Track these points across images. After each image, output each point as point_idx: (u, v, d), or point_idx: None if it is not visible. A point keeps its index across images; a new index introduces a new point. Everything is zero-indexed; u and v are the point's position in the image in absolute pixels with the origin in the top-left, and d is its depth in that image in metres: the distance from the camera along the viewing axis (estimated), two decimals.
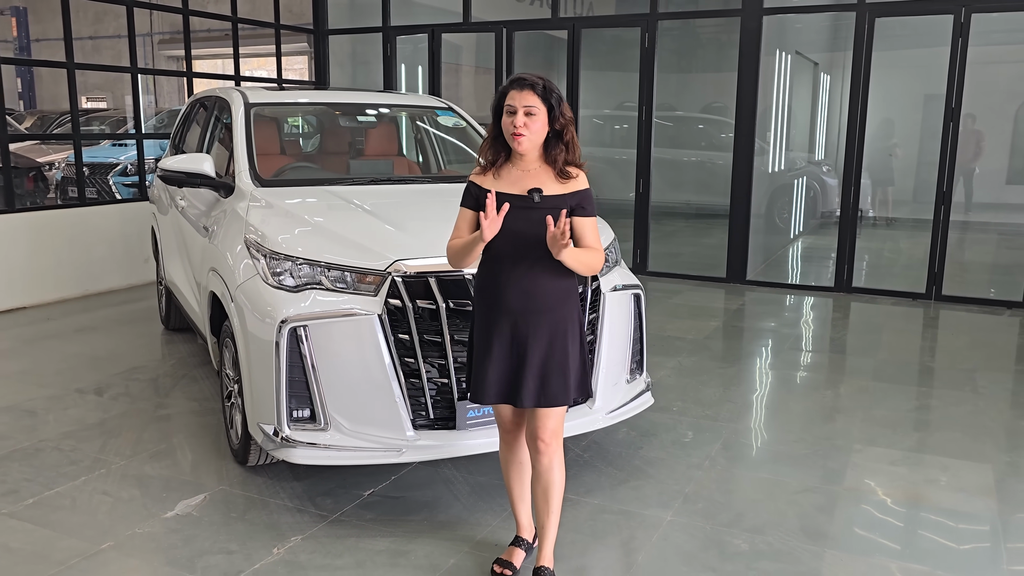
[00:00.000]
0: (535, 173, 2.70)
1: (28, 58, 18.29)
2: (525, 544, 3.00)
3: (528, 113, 2.61)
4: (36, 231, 6.84)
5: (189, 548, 3.10)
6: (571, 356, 2.72)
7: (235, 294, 3.51)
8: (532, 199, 2.64)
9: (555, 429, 2.76)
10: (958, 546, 3.20)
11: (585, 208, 2.69)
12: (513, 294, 2.67)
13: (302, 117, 5.51)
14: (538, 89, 2.62)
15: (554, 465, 2.77)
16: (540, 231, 2.56)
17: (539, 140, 2.66)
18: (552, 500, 2.78)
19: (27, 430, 4.22)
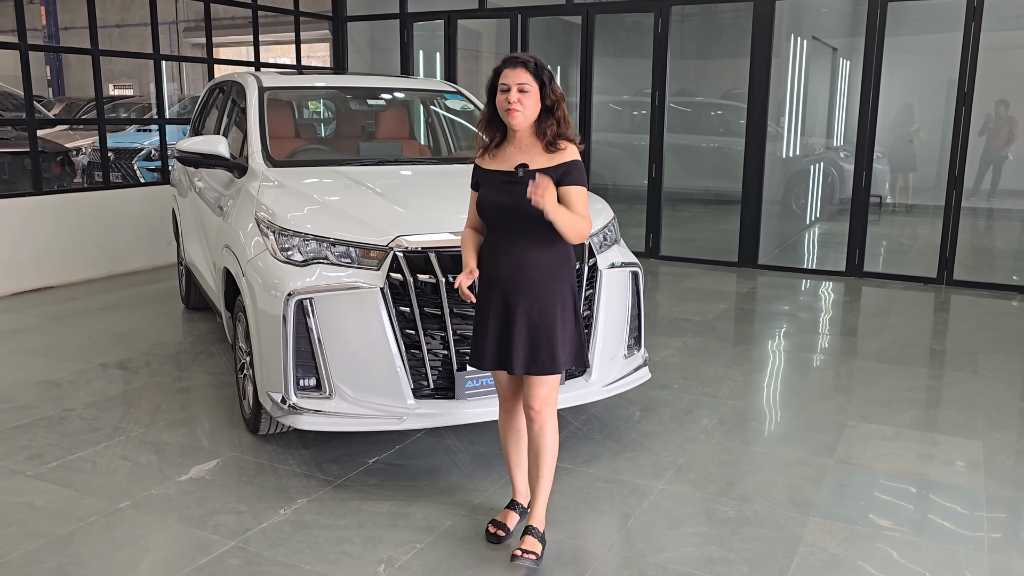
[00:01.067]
0: (526, 149, 2.83)
1: (57, 45, 18.62)
2: (519, 508, 3.13)
3: (521, 90, 2.74)
4: (63, 213, 7.07)
5: (201, 508, 3.27)
6: (561, 327, 2.83)
7: (246, 269, 3.67)
8: (517, 173, 2.77)
9: (545, 398, 2.87)
10: (940, 514, 3.30)
11: (571, 175, 2.77)
12: (504, 265, 2.81)
13: (315, 101, 5.65)
14: (530, 67, 2.75)
15: (545, 432, 2.89)
16: (522, 203, 2.66)
17: (532, 116, 2.78)
18: (543, 466, 2.91)
19: (52, 400, 4.42)
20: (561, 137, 2.81)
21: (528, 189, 2.62)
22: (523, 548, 2.87)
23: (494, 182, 2.84)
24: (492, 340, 2.86)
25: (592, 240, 3.73)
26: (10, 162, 7.86)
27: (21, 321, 6.00)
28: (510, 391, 3.00)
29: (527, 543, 2.89)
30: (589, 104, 8.72)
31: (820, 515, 3.25)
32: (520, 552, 2.86)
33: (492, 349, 2.86)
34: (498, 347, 2.85)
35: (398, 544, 3.01)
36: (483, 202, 2.87)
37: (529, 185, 2.63)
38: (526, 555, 2.85)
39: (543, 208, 2.62)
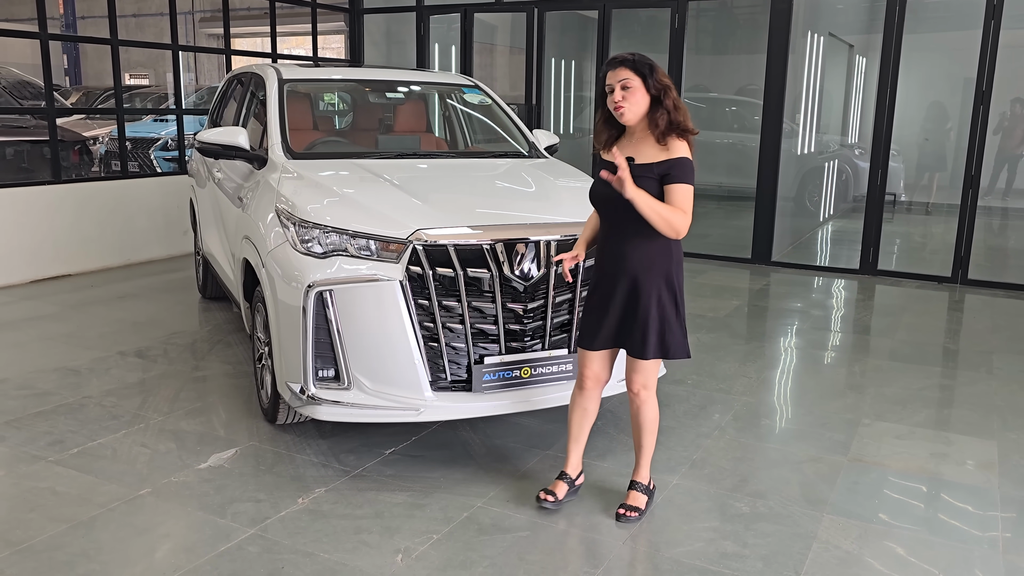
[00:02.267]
0: (638, 142, 2.96)
1: (75, 35, 18.71)
2: (568, 479, 3.29)
3: (624, 87, 2.88)
4: (81, 202, 7.13)
5: (220, 496, 3.31)
6: (655, 316, 2.98)
7: (266, 260, 3.70)
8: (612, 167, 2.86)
9: (644, 381, 3.10)
10: (953, 513, 3.31)
11: (672, 175, 2.85)
12: (608, 254, 3.03)
13: (333, 93, 5.68)
14: (628, 63, 2.89)
15: (644, 409, 3.16)
16: (623, 195, 2.79)
17: (641, 109, 2.90)
18: (645, 436, 3.21)
19: (72, 387, 4.47)
20: (674, 127, 2.88)
21: (604, 175, 2.79)
22: (627, 504, 3.18)
23: None
24: (594, 321, 3.08)
25: None
26: (29, 150, 7.93)
27: (41, 308, 6.06)
28: (591, 371, 3.17)
29: (631, 498, 3.20)
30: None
31: (834, 512, 3.26)
32: (624, 511, 3.16)
33: (593, 329, 3.08)
34: (596, 328, 3.07)
35: (415, 534, 3.05)
36: (593, 192, 3.05)
37: (613, 174, 2.76)
38: (629, 513, 3.15)
39: (628, 195, 2.75)
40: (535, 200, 3.97)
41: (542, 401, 3.55)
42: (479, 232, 3.46)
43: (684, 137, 2.91)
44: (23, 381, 4.55)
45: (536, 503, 3.23)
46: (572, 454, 3.30)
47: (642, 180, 2.83)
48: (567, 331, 3.60)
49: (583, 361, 3.17)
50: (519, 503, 3.30)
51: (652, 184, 2.85)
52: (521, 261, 3.47)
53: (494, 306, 3.44)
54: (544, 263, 3.51)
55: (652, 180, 2.86)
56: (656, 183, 2.86)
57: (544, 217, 3.65)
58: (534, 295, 3.51)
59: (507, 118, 5.11)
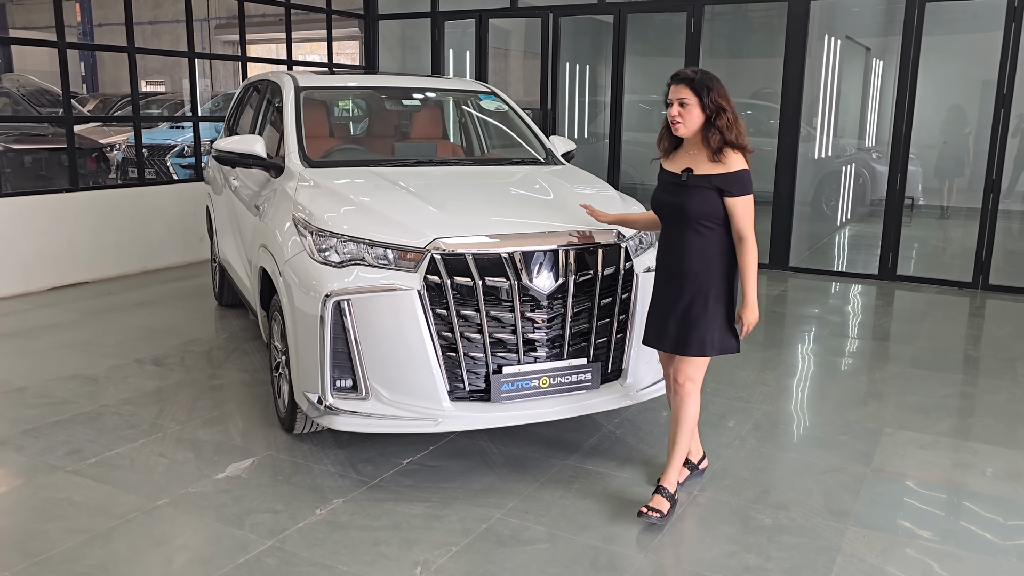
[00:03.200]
0: (694, 154, 3.13)
1: (91, 43, 18.85)
2: (689, 464, 3.53)
3: (682, 104, 3.06)
4: (98, 209, 7.16)
5: (238, 506, 3.30)
6: (708, 316, 3.12)
7: (283, 269, 3.69)
8: (681, 177, 3.10)
9: (690, 375, 3.23)
10: (980, 526, 3.25)
11: (729, 190, 3.04)
12: (669, 257, 3.19)
13: (350, 101, 5.68)
14: (689, 83, 3.06)
15: (685, 404, 3.25)
16: (684, 204, 3.08)
17: (695, 126, 3.08)
18: (678, 433, 3.27)
19: (90, 396, 4.48)
20: (728, 145, 3.04)
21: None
22: (649, 506, 3.21)
23: (664, 182, 3.21)
24: (651, 320, 3.27)
25: (628, 243, 3.71)
26: (47, 158, 7.97)
27: (59, 316, 6.09)
28: (671, 368, 3.33)
29: (655, 501, 3.22)
30: (620, 103, 8.68)
31: (858, 524, 3.22)
32: (646, 509, 3.19)
33: (650, 329, 3.28)
34: (655, 327, 3.25)
35: (434, 546, 3.02)
36: (654, 198, 3.24)
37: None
38: (651, 512, 3.18)
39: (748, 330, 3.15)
40: (553, 208, 3.94)
41: (561, 411, 3.52)
42: (497, 241, 3.44)
43: (739, 150, 3.07)
44: (41, 389, 4.56)
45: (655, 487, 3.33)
46: (690, 444, 3.43)
47: (700, 190, 3.06)
48: (586, 340, 3.57)
49: (663, 363, 3.40)
50: (539, 514, 3.27)
51: (710, 194, 3.06)
52: (540, 270, 3.45)
53: (512, 315, 3.41)
54: (563, 272, 3.48)
55: (710, 190, 3.06)
56: (714, 193, 3.05)
57: (562, 225, 3.62)
58: (552, 304, 3.48)
59: (523, 124, 5.09)
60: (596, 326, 3.57)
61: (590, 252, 3.57)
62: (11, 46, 16.98)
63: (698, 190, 3.06)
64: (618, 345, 3.67)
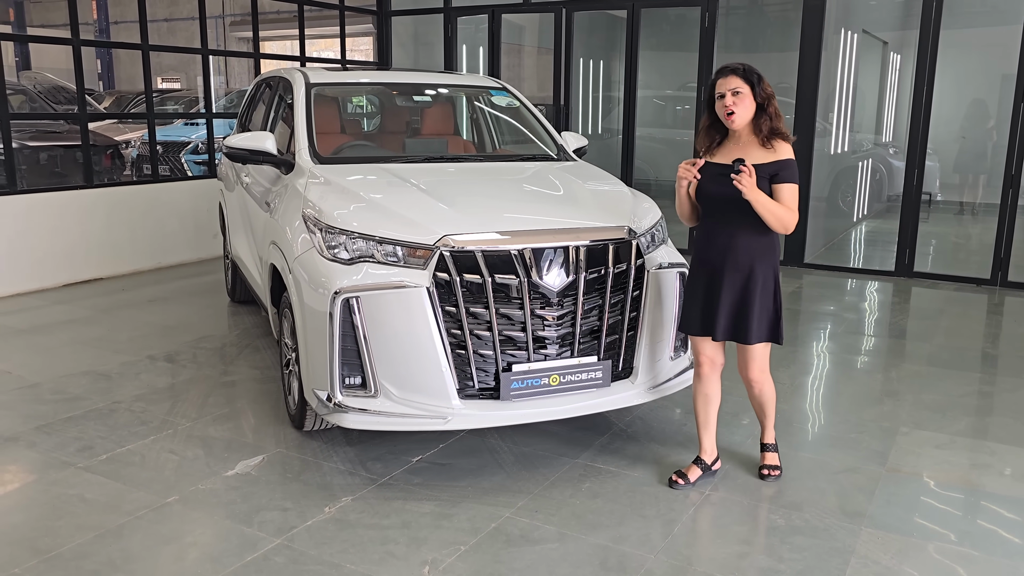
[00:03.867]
0: (744, 145, 3.21)
1: (107, 40, 18.95)
2: (703, 464, 3.52)
3: (735, 93, 3.13)
4: (113, 206, 7.19)
5: (247, 504, 3.29)
6: (760, 305, 3.24)
7: (293, 266, 3.68)
8: (735, 168, 3.09)
9: (761, 367, 3.40)
10: (998, 528, 3.19)
11: (781, 175, 3.15)
12: (716, 249, 3.25)
13: (361, 97, 5.67)
14: (739, 72, 3.14)
15: (764, 391, 3.46)
16: (738, 194, 3.07)
17: (748, 115, 3.16)
18: (767, 410, 3.54)
19: (102, 392, 4.49)
20: (775, 132, 3.16)
21: (734, 178, 3.03)
22: (768, 465, 3.54)
23: (713, 173, 3.20)
24: (699, 310, 3.32)
25: (640, 240, 3.68)
26: (62, 155, 8.01)
27: (73, 312, 6.11)
28: (707, 357, 3.42)
29: (769, 458, 3.56)
30: (634, 99, 8.63)
31: (873, 525, 3.17)
32: (767, 471, 3.52)
33: (698, 318, 3.34)
34: (703, 316, 3.31)
35: (442, 545, 3.00)
36: (702, 191, 3.25)
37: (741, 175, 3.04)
38: (772, 472, 3.52)
39: (745, 194, 3.04)
40: (564, 204, 3.91)
41: (571, 409, 3.49)
42: (507, 238, 3.41)
43: (786, 140, 3.18)
44: (55, 385, 4.58)
45: (668, 484, 3.46)
46: (704, 440, 3.53)
47: (757, 180, 3.09)
48: (596, 338, 3.54)
49: (697, 348, 3.42)
50: (548, 513, 3.24)
51: (763, 183, 3.14)
52: (550, 267, 3.42)
53: (522, 313, 3.39)
54: (573, 269, 3.45)
55: (763, 180, 3.14)
56: (766, 182, 3.15)
57: (573, 222, 3.60)
58: (563, 301, 3.45)
59: (535, 120, 5.06)
60: (607, 324, 3.54)
61: (601, 249, 3.54)
62: (30, 44, 17.10)
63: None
64: (629, 343, 3.64)
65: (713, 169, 3.22)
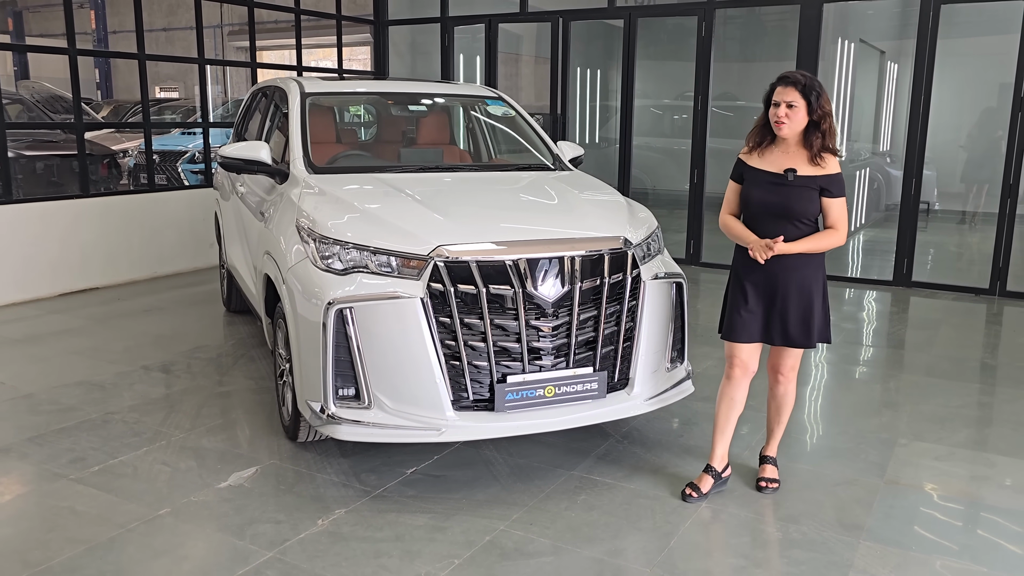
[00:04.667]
0: (792, 155, 3.22)
1: (105, 50, 18.97)
2: (714, 472, 3.47)
3: (789, 106, 3.14)
4: (109, 215, 7.17)
5: (240, 516, 3.26)
6: (814, 307, 3.27)
7: (286, 276, 3.66)
8: (787, 177, 3.18)
9: (793, 365, 3.44)
10: (1000, 540, 3.16)
11: (831, 191, 3.20)
12: None
13: (356, 107, 5.65)
14: (799, 86, 3.13)
15: (788, 391, 3.48)
16: (788, 203, 3.17)
17: (799, 128, 3.17)
18: (783, 414, 3.53)
19: (96, 403, 4.46)
20: (826, 149, 3.18)
21: (764, 251, 3.14)
22: (767, 478, 3.51)
23: (761, 180, 3.24)
24: (748, 317, 3.31)
25: (635, 251, 3.66)
26: (59, 164, 7.99)
27: (68, 322, 6.08)
28: (740, 362, 3.39)
29: (768, 471, 3.54)
30: (631, 108, 8.62)
31: (871, 539, 3.14)
32: (765, 483, 3.49)
33: (747, 325, 3.32)
34: (752, 323, 3.31)
35: (436, 559, 2.97)
36: (749, 198, 3.28)
37: (769, 245, 3.14)
38: (769, 484, 3.49)
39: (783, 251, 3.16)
40: (559, 214, 3.89)
41: (566, 421, 3.46)
42: (502, 248, 3.39)
43: (835, 154, 3.21)
44: (48, 396, 4.55)
45: (681, 497, 3.41)
46: (718, 446, 3.47)
47: (805, 190, 3.17)
48: (592, 349, 3.52)
49: (733, 352, 3.38)
50: (543, 526, 3.21)
51: (812, 194, 3.19)
52: (545, 277, 3.40)
53: (517, 323, 3.36)
54: (568, 279, 3.43)
55: (813, 191, 3.19)
56: (816, 193, 3.19)
57: (569, 232, 3.58)
58: (558, 312, 3.42)
59: (530, 130, 5.04)
60: (603, 335, 3.52)
61: (597, 259, 3.51)
62: (27, 53, 17.12)
63: (803, 190, 3.18)
64: (625, 354, 3.61)
65: (761, 176, 3.25)
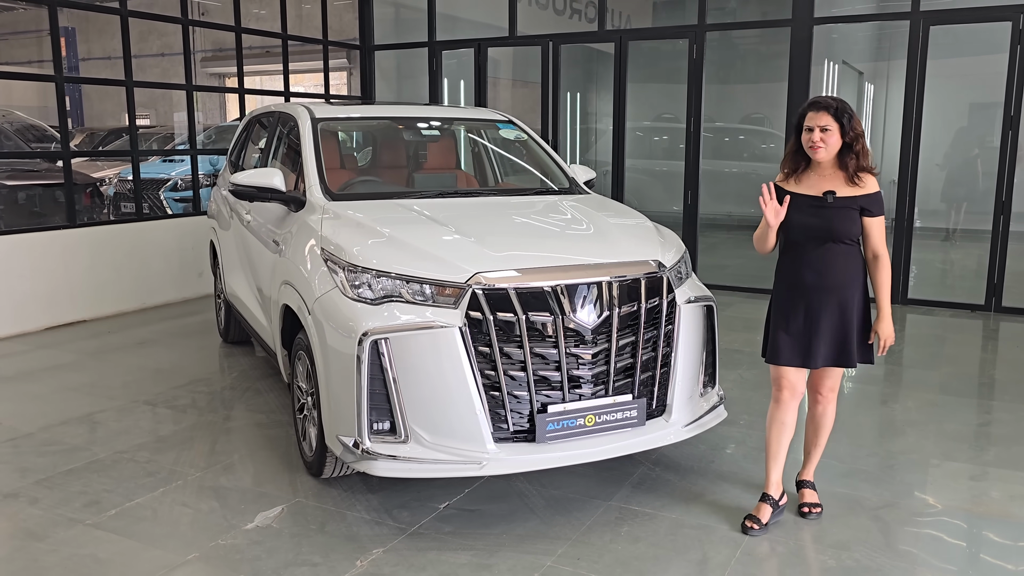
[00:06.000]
0: (830, 177, 3.24)
1: (90, 77, 18.65)
2: (771, 500, 3.38)
3: (824, 130, 3.15)
4: (96, 246, 6.96)
5: (273, 560, 3.11)
6: (853, 326, 3.25)
7: (313, 307, 3.54)
8: (826, 200, 3.19)
9: (833, 386, 3.41)
10: None
11: (872, 210, 3.21)
12: (808, 275, 3.25)
13: (367, 132, 5.55)
14: (831, 110, 3.15)
15: (828, 411, 3.44)
16: (831, 225, 3.18)
17: (834, 151, 3.19)
18: (821, 436, 3.49)
19: (102, 441, 4.28)
20: (862, 169, 3.20)
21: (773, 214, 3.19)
22: (808, 503, 3.47)
23: (802, 205, 3.24)
24: (792, 340, 3.28)
25: (670, 274, 3.60)
26: (41, 194, 7.77)
27: (59, 357, 5.87)
28: (787, 383, 3.33)
29: (809, 496, 3.49)
30: (623, 131, 8.63)
31: (927, 564, 3.08)
32: (808, 508, 3.45)
33: (791, 347, 3.29)
34: (798, 346, 3.27)
35: None
36: (790, 222, 3.25)
37: (875, 344, 3.28)
38: (813, 510, 3.44)
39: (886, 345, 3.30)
40: (593, 239, 3.81)
41: (609, 450, 3.37)
42: (540, 274, 3.31)
43: (872, 173, 3.22)
44: (50, 436, 4.35)
45: (741, 530, 3.31)
46: (772, 473, 3.40)
47: (845, 211, 3.18)
48: (630, 376, 3.44)
49: (780, 375, 3.34)
50: (591, 561, 3.11)
51: (853, 215, 3.19)
52: (583, 303, 3.32)
53: (556, 351, 3.28)
54: (607, 305, 3.35)
55: (854, 211, 3.19)
56: (856, 213, 3.20)
57: (605, 257, 3.51)
58: (596, 339, 3.35)
59: (543, 153, 4.99)
60: (640, 360, 3.44)
61: (633, 284, 3.45)
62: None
63: (844, 211, 3.18)
64: (662, 380, 3.54)
65: (802, 201, 3.24)
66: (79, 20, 19.29)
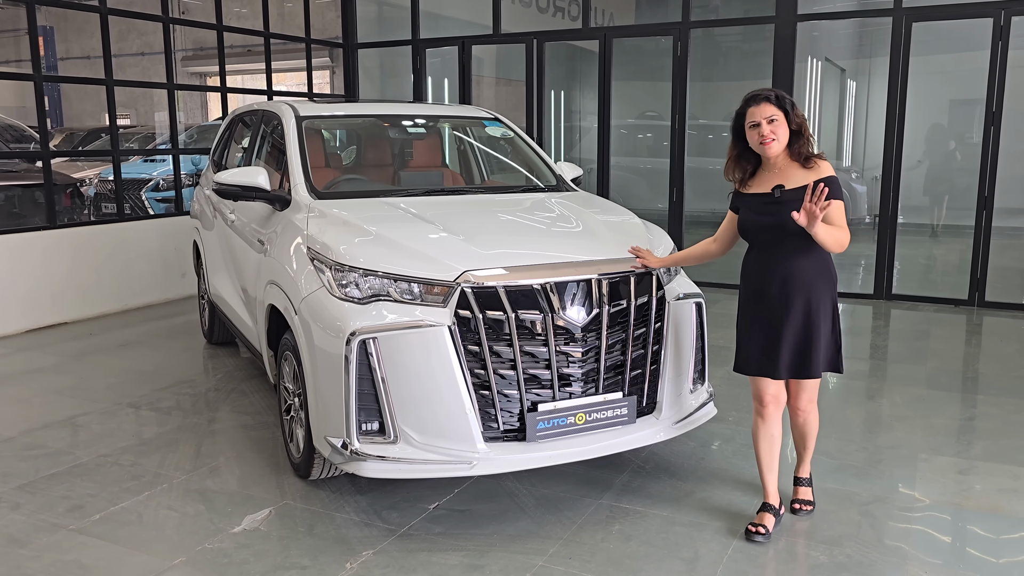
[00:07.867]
0: (782, 170, 3.12)
1: (67, 76, 18.46)
2: (773, 509, 3.30)
3: (771, 121, 3.03)
4: (77, 247, 6.88)
5: (261, 563, 3.07)
6: (820, 333, 3.11)
7: (299, 307, 3.50)
8: (774, 195, 3.06)
9: (811, 397, 3.29)
10: None
11: (831, 191, 2.95)
12: (770, 279, 3.11)
13: (352, 129, 5.51)
14: (772, 99, 3.05)
15: (809, 421, 3.34)
16: (785, 221, 2.97)
17: (785, 141, 3.07)
18: (808, 441, 3.41)
19: (85, 445, 4.22)
20: (812, 154, 3.07)
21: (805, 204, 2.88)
22: (801, 499, 3.43)
23: (755, 204, 3.13)
24: (758, 348, 3.17)
25: (660, 272, 3.59)
26: (20, 195, 7.65)
27: (41, 360, 5.79)
28: (771, 397, 3.24)
29: (803, 493, 3.44)
30: (607, 128, 8.62)
31: (917, 559, 3.09)
32: (800, 505, 3.41)
33: (757, 356, 3.17)
34: (763, 354, 3.15)
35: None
36: (746, 223, 3.16)
37: (806, 198, 2.88)
38: (804, 507, 3.41)
39: (813, 224, 2.88)
40: (581, 236, 3.79)
41: (599, 448, 3.36)
42: (530, 272, 3.29)
43: (823, 158, 3.10)
44: (31, 440, 4.29)
45: (746, 537, 3.21)
46: (768, 483, 3.33)
47: (798, 203, 2.95)
48: (620, 373, 3.42)
49: (762, 391, 3.24)
50: (583, 560, 3.09)
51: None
52: (573, 301, 3.30)
53: (546, 349, 3.26)
54: (596, 302, 3.34)
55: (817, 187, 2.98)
56: None
57: (594, 254, 3.49)
58: (586, 337, 3.33)
59: (531, 151, 4.96)
60: (630, 358, 3.43)
61: (623, 281, 3.43)
62: None
63: (797, 203, 2.96)
64: (652, 377, 3.53)
65: (754, 200, 3.14)
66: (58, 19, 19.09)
